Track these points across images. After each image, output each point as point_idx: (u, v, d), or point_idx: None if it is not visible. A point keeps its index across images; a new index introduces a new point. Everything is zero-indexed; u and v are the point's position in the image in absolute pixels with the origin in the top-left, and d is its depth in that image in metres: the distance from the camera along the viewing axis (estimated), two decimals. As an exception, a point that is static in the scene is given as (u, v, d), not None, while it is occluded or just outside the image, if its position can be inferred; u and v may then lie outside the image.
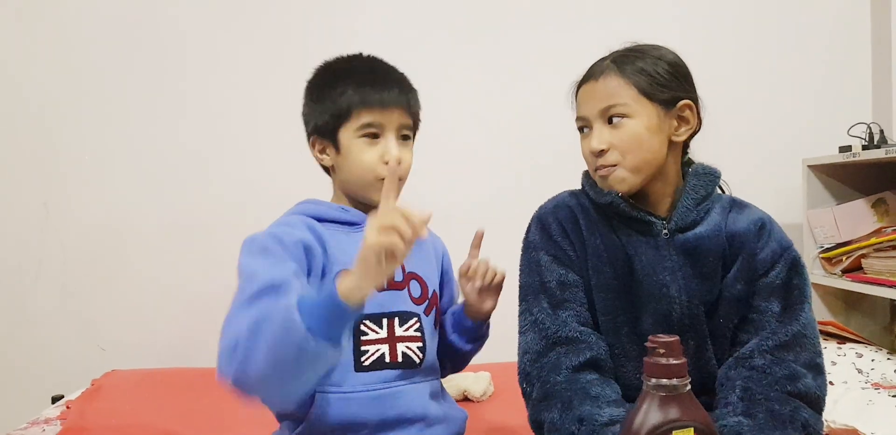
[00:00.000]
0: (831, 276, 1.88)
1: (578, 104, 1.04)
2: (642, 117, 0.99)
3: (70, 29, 1.98)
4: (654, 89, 0.99)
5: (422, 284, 1.11)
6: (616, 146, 0.99)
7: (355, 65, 1.11)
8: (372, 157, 1.05)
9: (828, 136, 1.95)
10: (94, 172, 1.98)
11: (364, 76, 1.08)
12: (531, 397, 0.99)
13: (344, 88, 1.06)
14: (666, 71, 1.01)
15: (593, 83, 1.01)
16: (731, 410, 0.93)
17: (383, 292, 1.05)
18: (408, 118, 1.08)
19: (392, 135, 1.06)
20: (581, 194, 1.10)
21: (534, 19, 2.06)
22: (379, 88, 1.06)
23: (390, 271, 0.83)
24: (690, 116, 1.03)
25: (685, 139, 1.04)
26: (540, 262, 1.05)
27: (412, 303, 1.08)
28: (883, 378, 1.58)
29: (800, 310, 0.99)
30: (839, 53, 2.10)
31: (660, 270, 1.01)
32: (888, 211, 1.83)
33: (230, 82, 2.00)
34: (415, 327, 1.06)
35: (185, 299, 1.95)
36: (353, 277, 0.82)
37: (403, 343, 1.05)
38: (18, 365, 1.97)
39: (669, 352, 0.68)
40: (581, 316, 1.02)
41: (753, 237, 1.02)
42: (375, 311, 1.04)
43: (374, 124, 1.05)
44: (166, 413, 1.51)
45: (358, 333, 1.03)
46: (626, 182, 1.00)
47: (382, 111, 1.05)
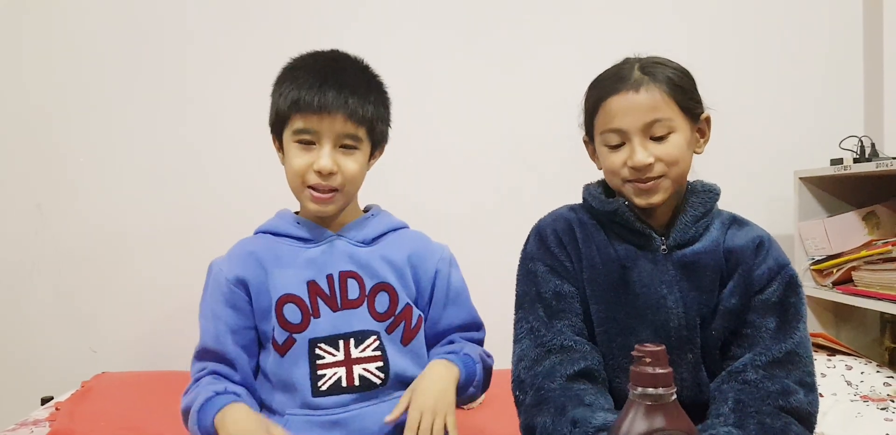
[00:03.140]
0: (822, 288, 1.88)
1: (612, 115, 0.99)
2: (683, 131, 0.99)
3: (63, 30, 1.98)
4: (688, 103, 1.00)
5: (392, 295, 1.07)
6: (661, 160, 0.98)
7: (308, 62, 1.06)
8: (301, 163, 1.02)
9: (820, 149, 1.97)
10: (88, 174, 1.98)
11: (307, 76, 1.02)
12: (524, 404, 0.99)
13: (287, 88, 1.03)
14: (690, 84, 1.02)
15: (633, 95, 0.97)
16: (723, 420, 0.93)
17: (336, 313, 1.04)
18: (352, 126, 1.01)
19: (328, 143, 1.01)
20: (580, 209, 1.10)
21: (534, 21, 2.07)
22: (318, 91, 1.00)
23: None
24: (706, 129, 1.05)
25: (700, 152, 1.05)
26: (537, 272, 1.05)
27: (372, 320, 1.05)
28: (872, 391, 1.58)
29: (794, 328, 0.99)
30: (831, 67, 2.12)
31: (657, 283, 1.01)
32: (879, 224, 1.84)
33: (228, 83, 2.00)
34: (373, 347, 1.04)
35: (176, 302, 1.94)
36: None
37: (361, 365, 1.03)
38: (9, 366, 1.96)
39: (656, 361, 0.68)
40: (576, 326, 1.02)
41: (751, 254, 1.02)
42: (329, 333, 1.03)
43: (307, 130, 1.01)
44: (156, 416, 1.50)
45: (313, 357, 1.02)
46: (666, 194, 1.00)
47: (319, 117, 1.00)
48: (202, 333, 1.06)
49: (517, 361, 1.02)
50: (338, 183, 1.03)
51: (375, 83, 1.08)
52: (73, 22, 1.98)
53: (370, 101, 1.04)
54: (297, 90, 1.01)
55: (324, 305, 1.05)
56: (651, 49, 1.06)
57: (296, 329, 1.03)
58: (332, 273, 1.06)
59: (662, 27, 2.08)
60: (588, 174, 1.13)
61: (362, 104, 1.02)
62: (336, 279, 1.06)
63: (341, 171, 1.02)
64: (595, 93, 1.03)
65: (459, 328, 1.16)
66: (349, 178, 1.03)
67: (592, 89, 1.04)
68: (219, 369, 1.04)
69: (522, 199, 2.02)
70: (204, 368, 1.04)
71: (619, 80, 1.00)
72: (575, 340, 1.00)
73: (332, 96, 1.00)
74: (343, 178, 1.03)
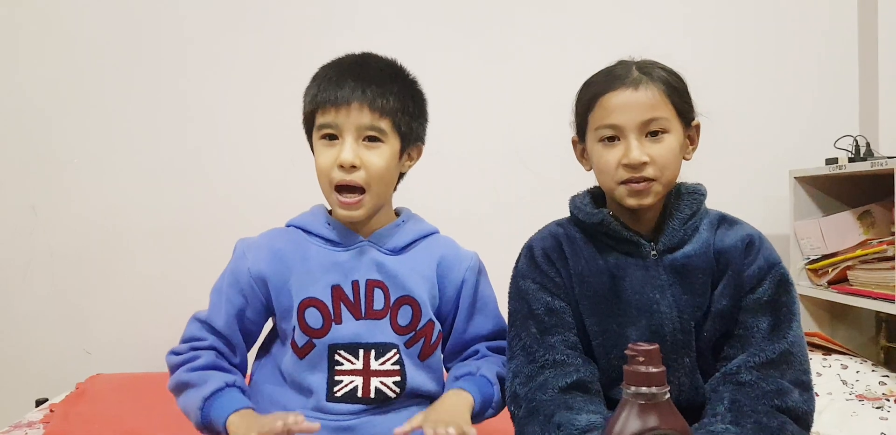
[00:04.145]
0: (817, 287, 1.89)
1: (608, 111, 0.98)
2: (677, 134, 0.99)
3: (59, 30, 1.97)
4: (682, 106, 1.00)
5: (415, 309, 1.06)
6: (655, 161, 0.97)
7: (335, 62, 1.06)
8: (326, 160, 1.00)
9: (815, 149, 1.97)
10: (82, 175, 1.97)
11: (331, 74, 1.02)
12: (517, 417, 1.00)
13: (311, 89, 1.03)
14: (684, 87, 1.02)
15: (631, 92, 0.97)
16: (720, 419, 0.93)
17: (359, 321, 1.03)
18: (373, 117, 0.99)
19: (350, 136, 0.99)
20: (567, 223, 1.10)
21: (531, 20, 2.06)
22: (338, 86, 0.99)
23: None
24: (696, 137, 1.05)
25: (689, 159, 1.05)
26: (528, 290, 1.05)
27: (394, 333, 1.04)
28: (867, 390, 1.59)
29: (787, 328, 0.98)
30: (826, 66, 2.12)
31: (649, 289, 1.01)
32: (874, 223, 1.84)
33: (226, 82, 2.00)
34: (392, 360, 1.03)
35: (172, 303, 1.93)
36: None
37: (379, 378, 1.02)
38: (3, 367, 1.95)
39: (649, 360, 0.68)
40: (569, 341, 1.02)
41: (740, 254, 1.02)
42: (351, 341, 1.02)
43: (329, 125, 0.99)
44: (151, 418, 1.49)
45: (332, 362, 1.02)
46: (657, 197, 1.00)
47: (337, 110, 0.98)
48: (212, 308, 1.06)
49: (512, 378, 1.03)
50: (362, 179, 0.99)
51: (402, 77, 1.06)
52: (69, 22, 1.98)
53: (392, 92, 1.00)
54: (318, 87, 1.01)
55: (346, 312, 1.03)
56: (648, 49, 1.06)
57: (317, 334, 1.02)
58: (357, 280, 1.04)
59: (659, 28, 2.08)
60: (586, 176, 1.12)
61: (382, 94, 0.99)
62: (362, 287, 1.04)
63: (364, 166, 0.99)
64: (590, 90, 1.02)
65: (486, 337, 1.14)
66: (374, 174, 0.99)
67: (587, 87, 1.04)
68: (219, 347, 1.04)
69: (520, 200, 2.02)
70: (205, 339, 1.04)
71: (617, 78, 0.99)
72: (567, 354, 1.00)
73: (350, 88, 0.98)
74: (367, 175, 0.99)
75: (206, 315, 1.06)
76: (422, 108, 1.08)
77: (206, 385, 0.98)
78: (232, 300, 1.05)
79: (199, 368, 1.01)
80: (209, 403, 0.97)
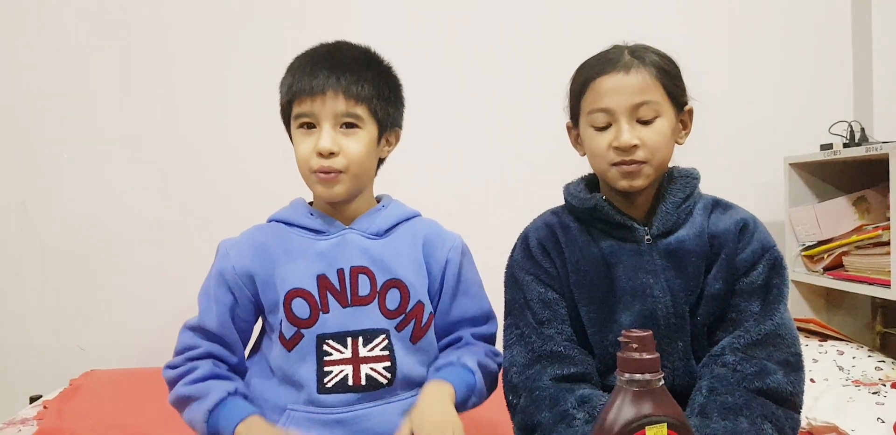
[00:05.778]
0: (813, 273, 1.88)
1: (599, 95, 0.98)
2: (669, 118, 0.99)
3: (46, 27, 1.95)
4: (674, 90, 1.00)
5: (403, 292, 1.06)
6: (646, 144, 0.97)
7: (307, 52, 1.06)
8: (305, 148, 1.01)
9: (809, 134, 1.96)
10: (73, 171, 1.96)
11: (305, 64, 1.02)
12: (518, 407, 0.99)
13: (285, 79, 1.03)
14: (677, 71, 1.01)
15: (622, 76, 0.97)
16: (695, 411, 0.92)
17: (346, 309, 1.03)
18: (349, 104, 0.99)
19: (327, 124, 1.00)
20: (562, 211, 1.10)
21: (521, 11, 2.05)
22: (312, 75, 1.00)
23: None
24: (689, 121, 1.04)
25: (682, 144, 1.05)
26: (522, 280, 1.06)
27: (382, 317, 1.04)
28: (863, 375, 1.59)
29: (774, 309, 0.98)
30: (820, 52, 2.11)
31: (642, 273, 1.00)
32: (869, 209, 1.84)
33: (217, 77, 1.98)
34: (381, 346, 1.03)
35: (164, 299, 1.93)
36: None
37: (368, 364, 1.02)
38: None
39: (642, 346, 0.68)
40: (564, 333, 1.02)
41: (734, 238, 1.01)
42: (338, 329, 1.02)
43: (306, 114, 1.00)
44: (145, 414, 1.49)
45: (321, 353, 1.01)
46: (647, 180, 0.99)
47: (313, 99, 0.99)
48: (202, 311, 1.05)
49: (508, 366, 1.03)
50: (341, 164, 1.00)
51: (376, 63, 1.06)
52: (57, 18, 1.95)
53: (367, 78, 1.01)
54: (292, 77, 1.02)
55: (333, 301, 1.03)
56: (643, 35, 1.05)
57: (304, 324, 1.02)
58: (343, 267, 1.04)
59: (654, 15, 2.06)
60: (579, 164, 1.11)
61: (357, 81, 1.00)
62: (347, 274, 1.04)
63: (343, 152, 1.00)
64: (583, 74, 1.02)
65: (470, 320, 1.14)
66: (352, 158, 1.00)
67: (580, 71, 1.04)
68: (215, 351, 1.04)
69: (514, 190, 2.01)
70: (199, 347, 1.03)
71: (609, 62, 1.00)
72: (564, 346, 1.00)
73: (325, 76, 0.99)
74: (346, 160, 1.00)
75: (197, 321, 1.05)
76: (397, 93, 1.09)
77: (208, 397, 0.98)
78: (222, 299, 1.04)
79: (198, 379, 1.01)
80: (214, 415, 0.97)
